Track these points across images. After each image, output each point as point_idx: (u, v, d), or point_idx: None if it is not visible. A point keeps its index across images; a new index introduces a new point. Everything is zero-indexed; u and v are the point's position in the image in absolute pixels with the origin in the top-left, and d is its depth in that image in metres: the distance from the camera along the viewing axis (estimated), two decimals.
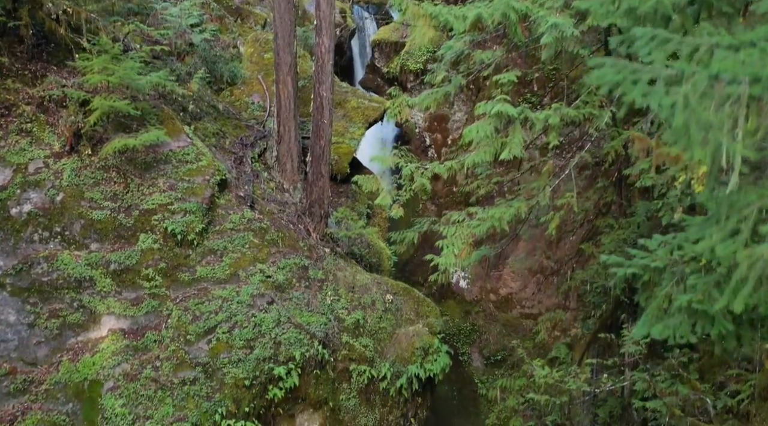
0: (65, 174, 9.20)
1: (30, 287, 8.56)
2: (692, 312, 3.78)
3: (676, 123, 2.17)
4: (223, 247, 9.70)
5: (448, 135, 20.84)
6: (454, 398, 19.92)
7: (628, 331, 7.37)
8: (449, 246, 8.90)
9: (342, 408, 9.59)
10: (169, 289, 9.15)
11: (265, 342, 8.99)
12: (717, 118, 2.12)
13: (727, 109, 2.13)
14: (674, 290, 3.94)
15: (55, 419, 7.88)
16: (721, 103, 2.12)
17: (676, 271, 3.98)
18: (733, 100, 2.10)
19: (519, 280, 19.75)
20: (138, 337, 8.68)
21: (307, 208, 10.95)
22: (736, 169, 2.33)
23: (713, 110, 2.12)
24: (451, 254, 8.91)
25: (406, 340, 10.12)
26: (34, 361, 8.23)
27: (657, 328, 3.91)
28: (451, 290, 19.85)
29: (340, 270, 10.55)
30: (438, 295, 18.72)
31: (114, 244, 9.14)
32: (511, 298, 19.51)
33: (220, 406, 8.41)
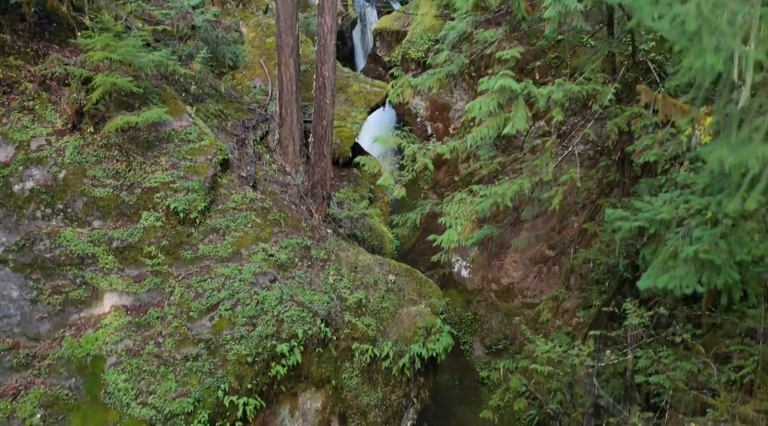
0: (67, 151, 9.19)
1: (32, 263, 8.56)
2: (698, 262, 3.77)
3: (689, 28, 2.15)
4: (225, 226, 9.70)
5: (450, 124, 20.80)
6: (455, 387, 19.92)
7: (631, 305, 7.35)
8: (452, 224, 8.88)
9: (344, 387, 9.59)
10: (172, 266, 9.15)
11: (268, 319, 8.98)
12: (729, 28, 2.10)
13: (739, 20, 2.12)
14: (680, 243, 3.93)
15: (58, 393, 7.87)
16: (734, 15, 2.11)
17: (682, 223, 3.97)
18: (746, 12, 2.09)
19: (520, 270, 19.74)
20: (140, 314, 8.67)
21: (309, 189, 10.93)
22: (748, 81, 2.31)
23: (725, 21, 2.10)
24: (454, 232, 8.90)
25: (408, 319, 10.11)
26: (36, 337, 8.23)
27: (662, 278, 3.89)
28: (453, 279, 19.86)
29: (343, 250, 10.54)
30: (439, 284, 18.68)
31: (116, 222, 9.13)
32: (513, 288, 19.50)
33: (223, 382, 8.40)
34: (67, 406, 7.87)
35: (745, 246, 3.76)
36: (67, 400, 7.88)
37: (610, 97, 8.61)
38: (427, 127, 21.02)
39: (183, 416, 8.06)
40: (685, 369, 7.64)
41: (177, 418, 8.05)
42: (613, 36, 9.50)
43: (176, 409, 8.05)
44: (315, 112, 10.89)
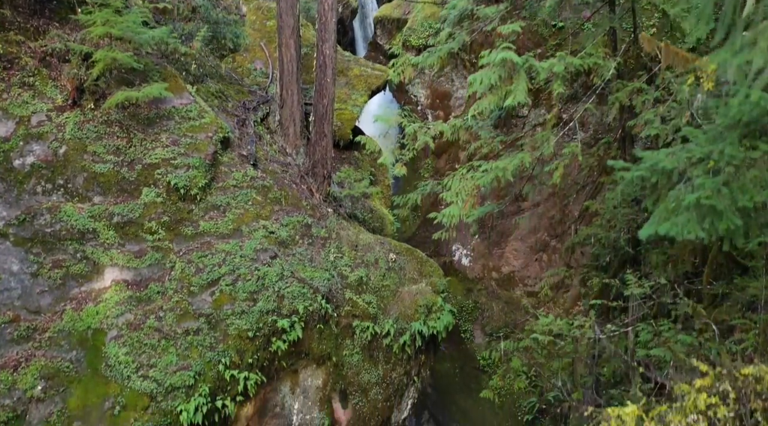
0: (68, 127, 9.17)
1: (33, 238, 8.55)
2: (700, 208, 3.75)
3: None
4: (226, 203, 9.69)
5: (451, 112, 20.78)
6: (456, 375, 19.95)
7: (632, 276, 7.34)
8: (454, 198, 8.88)
9: (345, 363, 9.58)
10: (173, 242, 9.14)
11: (269, 295, 8.97)
12: None
13: None
14: (682, 191, 3.91)
15: (59, 366, 7.87)
16: None
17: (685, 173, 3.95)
18: None
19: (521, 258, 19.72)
20: (141, 289, 8.67)
21: (309, 168, 10.91)
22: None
23: None
24: (455, 207, 8.90)
25: (409, 297, 10.10)
26: (37, 310, 8.22)
27: (664, 226, 3.88)
28: (453, 268, 19.87)
29: (343, 229, 10.53)
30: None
31: (117, 198, 9.12)
32: (513, 276, 19.50)
33: (224, 356, 8.40)
34: (68, 378, 7.87)
35: (747, 192, 3.74)
36: (68, 372, 7.88)
37: (611, 72, 8.60)
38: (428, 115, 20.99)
39: (184, 389, 8.06)
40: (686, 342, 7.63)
41: (178, 391, 8.05)
42: (615, 13, 9.48)
43: (177, 383, 8.04)
44: (316, 91, 10.87)
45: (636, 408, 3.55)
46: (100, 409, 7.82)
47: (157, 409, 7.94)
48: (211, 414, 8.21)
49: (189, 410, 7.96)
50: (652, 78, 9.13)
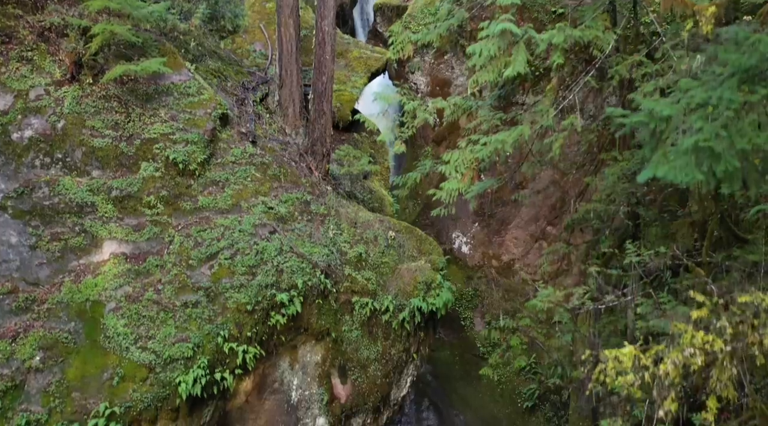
0: (66, 102, 9.15)
1: (31, 210, 8.53)
2: (698, 151, 3.73)
3: None
4: (224, 179, 9.67)
5: None
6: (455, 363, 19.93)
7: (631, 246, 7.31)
8: (453, 171, 8.86)
9: (344, 339, 9.57)
10: (171, 216, 9.12)
11: (267, 269, 8.95)
12: None
13: None
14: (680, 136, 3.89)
15: (58, 336, 7.86)
16: None
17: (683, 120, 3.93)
18: None
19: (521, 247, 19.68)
20: (140, 262, 8.65)
21: (309, 146, 10.89)
22: None
23: None
24: (454, 181, 8.88)
25: (408, 274, 10.09)
26: (36, 282, 8.21)
27: (662, 169, 3.86)
28: (453, 256, 19.85)
29: (342, 207, 10.51)
30: None
31: (116, 172, 9.10)
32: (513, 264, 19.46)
33: (223, 329, 8.39)
34: (66, 349, 7.86)
35: (746, 136, 3.72)
36: (67, 343, 7.87)
37: (612, 45, 8.56)
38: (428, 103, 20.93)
39: (182, 361, 8.06)
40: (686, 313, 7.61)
41: (176, 362, 8.04)
42: None
43: (176, 354, 8.04)
44: (315, 68, 10.84)
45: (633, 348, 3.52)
46: (98, 380, 7.81)
47: (155, 380, 7.93)
48: (209, 386, 8.21)
49: (188, 382, 7.95)
50: (652, 52, 9.10)
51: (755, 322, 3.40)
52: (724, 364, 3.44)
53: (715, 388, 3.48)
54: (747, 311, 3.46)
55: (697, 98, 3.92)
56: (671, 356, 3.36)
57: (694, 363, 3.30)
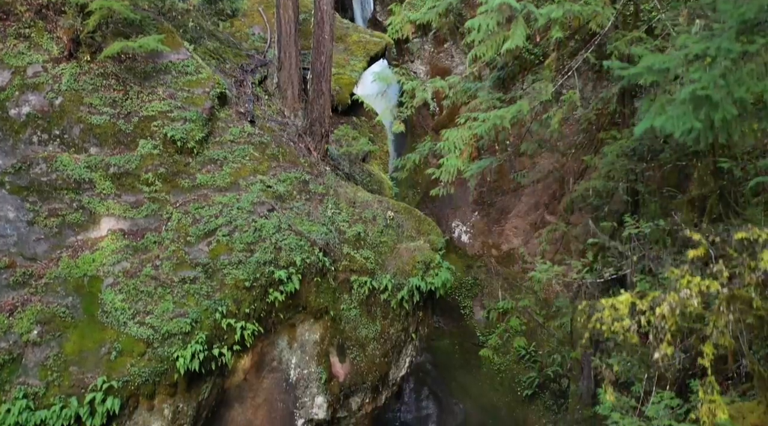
0: (64, 79, 9.13)
1: (29, 186, 8.52)
2: (696, 100, 3.70)
3: None
4: (223, 157, 9.65)
5: None
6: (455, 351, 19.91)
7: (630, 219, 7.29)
8: (451, 148, 8.82)
9: (343, 318, 9.55)
10: (169, 194, 9.10)
11: (266, 246, 8.93)
12: None
13: None
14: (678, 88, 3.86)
15: (55, 311, 7.85)
16: None
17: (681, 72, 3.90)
18: None
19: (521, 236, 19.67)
20: (138, 238, 8.64)
21: (307, 127, 10.87)
22: None
23: None
24: (453, 157, 8.85)
25: (407, 254, 10.07)
26: (33, 257, 8.20)
27: (660, 119, 3.83)
28: (453, 245, 19.82)
29: (341, 187, 10.49)
30: None
31: (113, 149, 9.09)
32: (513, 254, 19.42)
33: (221, 305, 8.37)
34: (63, 323, 7.85)
35: (744, 84, 3.69)
36: (64, 317, 7.86)
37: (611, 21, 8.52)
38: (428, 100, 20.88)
39: (180, 336, 8.04)
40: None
41: (174, 338, 8.03)
42: None
43: (174, 329, 8.03)
44: (313, 48, 10.81)
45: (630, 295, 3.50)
46: (96, 354, 7.80)
47: (153, 355, 7.92)
48: (208, 362, 8.20)
49: (186, 357, 7.94)
50: (651, 28, 9.06)
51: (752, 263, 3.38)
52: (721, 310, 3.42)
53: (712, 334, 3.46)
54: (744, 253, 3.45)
55: (695, 50, 3.89)
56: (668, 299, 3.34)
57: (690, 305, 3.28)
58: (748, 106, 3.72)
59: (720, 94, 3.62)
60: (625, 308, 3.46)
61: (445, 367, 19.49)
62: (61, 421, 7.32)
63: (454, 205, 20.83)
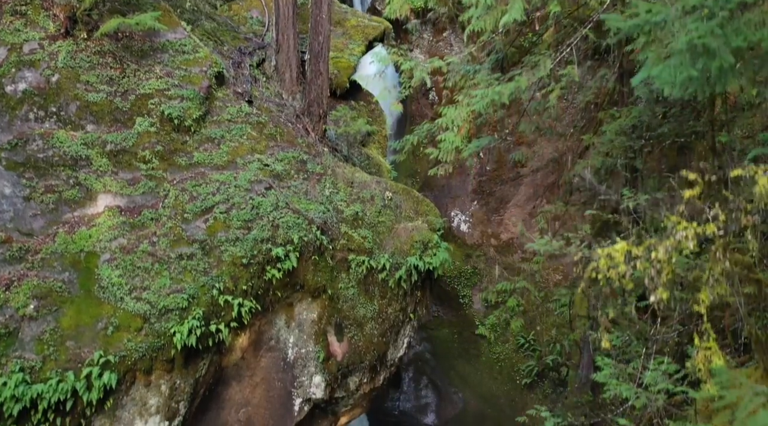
0: (60, 56, 9.10)
1: (25, 162, 8.49)
2: (693, 49, 3.67)
3: None
4: (220, 136, 9.62)
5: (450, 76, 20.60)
6: (454, 341, 19.91)
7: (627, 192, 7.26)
8: (449, 125, 8.80)
9: (340, 297, 9.52)
10: (166, 171, 9.08)
11: (263, 224, 8.91)
12: None
13: None
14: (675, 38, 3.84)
15: (52, 285, 7.82)
16: None
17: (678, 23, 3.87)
18: None
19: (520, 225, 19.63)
20: (134, 215, 8.61)
21: (305, 108, 10.84)
22: None
23: None
24: (451, 134, 8.83)
25: (405, 233, 10.04)
26: (29, 232, 8.17)
27: (657, 69, 3.80)
28: (452, 234, 19.80)
29: (339, 167, 10.46)
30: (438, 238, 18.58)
31: (110, 127, 9.05)
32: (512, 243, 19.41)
33: (218, 281, 8.35)
34: (60, 298, 7.82)
35: (741, 34, 3.66)
36: (61, 292, 7.84)
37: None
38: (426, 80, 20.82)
39: (177, 312, 8.02)
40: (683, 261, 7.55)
41: (171, 313, 8.01)
42: None
43: (170, 305, 8.00)
44: (311, 28, 10.77)
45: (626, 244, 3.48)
46: (93, 329, 7.78)
47: (150, 331, 7.90)
48: (205, 338, 8.18)
49: (183, 332, 7.92)
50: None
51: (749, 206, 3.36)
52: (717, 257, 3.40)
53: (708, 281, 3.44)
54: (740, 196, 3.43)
55: (691, 2, 3.87)
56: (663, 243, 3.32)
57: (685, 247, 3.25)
58: (746, 56, 3.70)
59: (717, 42, 3.59)
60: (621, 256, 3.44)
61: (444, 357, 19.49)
62: (57, 395, 7.30)
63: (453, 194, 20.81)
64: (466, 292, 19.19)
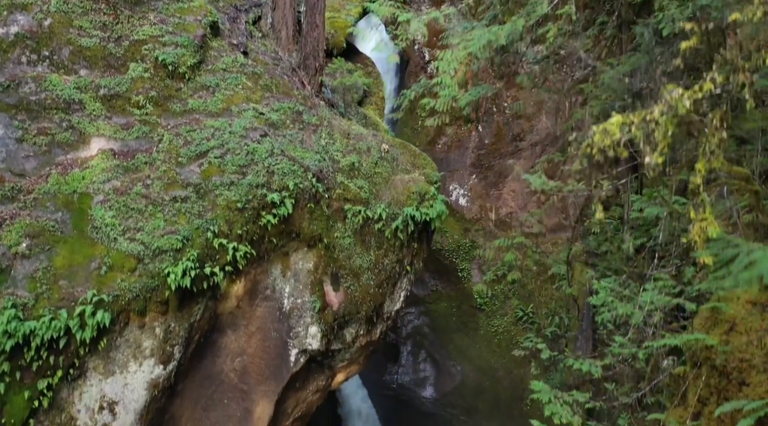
0: (53, 0, 9.00)
1: (18, 105, 8.41)
2: None
3: None
4: (215, 84, 9.54)
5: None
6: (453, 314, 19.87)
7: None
8: (446, 68, 8.71)
9: (336, 246, 9.45)
10: (161, 117, 9.00)
11: (258, 170, 8.84)
12: None
13: None
14: None
15: (44, 225, 7.76)
16: None
17: None
18: None
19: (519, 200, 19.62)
20: (128, 158, 8.54)
21: (301, 61, 10.75)
22: None
23: None
24: (447, 77, 8.74)
25: (402, 185, 9.97)
26: (22, 173, 8.10)
27: None
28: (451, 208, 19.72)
29: (335, 119, 10.38)
30: None
31: (103, 72, 8.97)
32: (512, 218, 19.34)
33: (212, 224, 8.28)
34: (53, 237, 7.76)
35: None
36: (54, 232, 7.77)
37: None
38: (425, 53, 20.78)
39: (171, 253, 7.96)
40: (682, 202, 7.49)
41: (165, 254, 7.95)
42: None
43: (164, 246, 7.94)
44: None
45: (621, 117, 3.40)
46: (86, 269, 7.72)
47: (144, 271, 7.85)
48: (199, 281, 8.12)
49: (177, 273, 7.86)
50: None
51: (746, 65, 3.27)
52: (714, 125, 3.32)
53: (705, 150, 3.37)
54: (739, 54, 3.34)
55: None
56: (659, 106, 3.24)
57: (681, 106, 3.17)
58: None
59: None
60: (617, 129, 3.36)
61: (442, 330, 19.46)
62: (51, 332, 7.25)
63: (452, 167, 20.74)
64: (465, 265, 19.15)
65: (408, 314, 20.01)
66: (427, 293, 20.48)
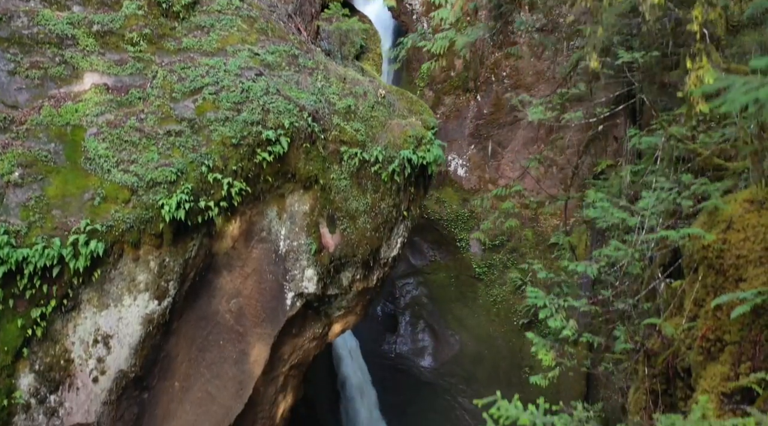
0: None
1: (10, 38, 8.32)
2: None
3: None
4: (210, 25, 9.45)
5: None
6: (451, 284, 19.83)
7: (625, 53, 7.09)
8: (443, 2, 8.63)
9: (332, 188, 9.38)
10: (154, 55, 8.92)
11: (253, 107, 8.76)
12: None
13: None
14: None
15: (37, 155, 7.69)
16: None
17: None
18: None
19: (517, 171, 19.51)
20: (122, 93, 8.47)
21: (297, 7, 10.65)
22: None
23: None
24: (444, 9, 8.65)
25: (398, 128, 9.89)
26: (14, 105, 8.03)
27: None
28: (449, 178, 19.67)
29: (331, 64, 10.29)
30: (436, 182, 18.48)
31: (97, 9, 8.89)
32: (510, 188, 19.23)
33: (207, 159, 8.22)
34: (46, 168, 7.70)
35: None
36: (47, 162, 7.71)
37: None
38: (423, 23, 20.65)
39: (165, 185, 7.90)
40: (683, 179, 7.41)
41: (159, 186, 7.89)
42: None
43: (158, 178, 7.88)
44: None
45: None
46: (79, 200, 7.66)
47: (138, 203, 7.79)
48: (194, 215, 8.07)
49: (171, 205, 7.80)
50: None
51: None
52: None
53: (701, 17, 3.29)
54: None
55: None
56: None
57: None
58: None
59: None
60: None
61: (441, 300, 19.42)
62: (44, 260, 7.19)
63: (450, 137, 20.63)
64: (463, 235, 19.09)
65: (406, 284, 19.96)
66: (426, 263, 20.42)
